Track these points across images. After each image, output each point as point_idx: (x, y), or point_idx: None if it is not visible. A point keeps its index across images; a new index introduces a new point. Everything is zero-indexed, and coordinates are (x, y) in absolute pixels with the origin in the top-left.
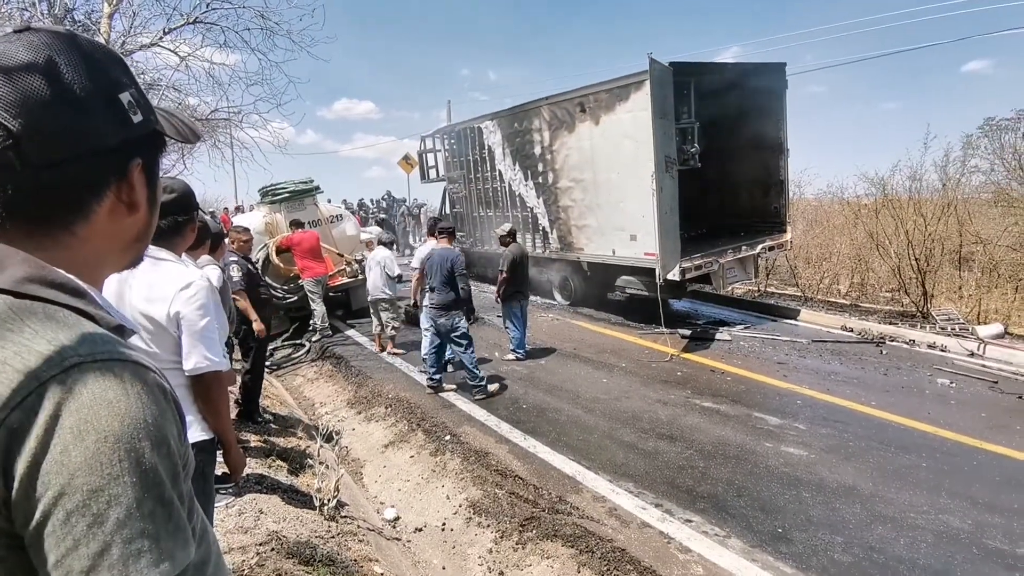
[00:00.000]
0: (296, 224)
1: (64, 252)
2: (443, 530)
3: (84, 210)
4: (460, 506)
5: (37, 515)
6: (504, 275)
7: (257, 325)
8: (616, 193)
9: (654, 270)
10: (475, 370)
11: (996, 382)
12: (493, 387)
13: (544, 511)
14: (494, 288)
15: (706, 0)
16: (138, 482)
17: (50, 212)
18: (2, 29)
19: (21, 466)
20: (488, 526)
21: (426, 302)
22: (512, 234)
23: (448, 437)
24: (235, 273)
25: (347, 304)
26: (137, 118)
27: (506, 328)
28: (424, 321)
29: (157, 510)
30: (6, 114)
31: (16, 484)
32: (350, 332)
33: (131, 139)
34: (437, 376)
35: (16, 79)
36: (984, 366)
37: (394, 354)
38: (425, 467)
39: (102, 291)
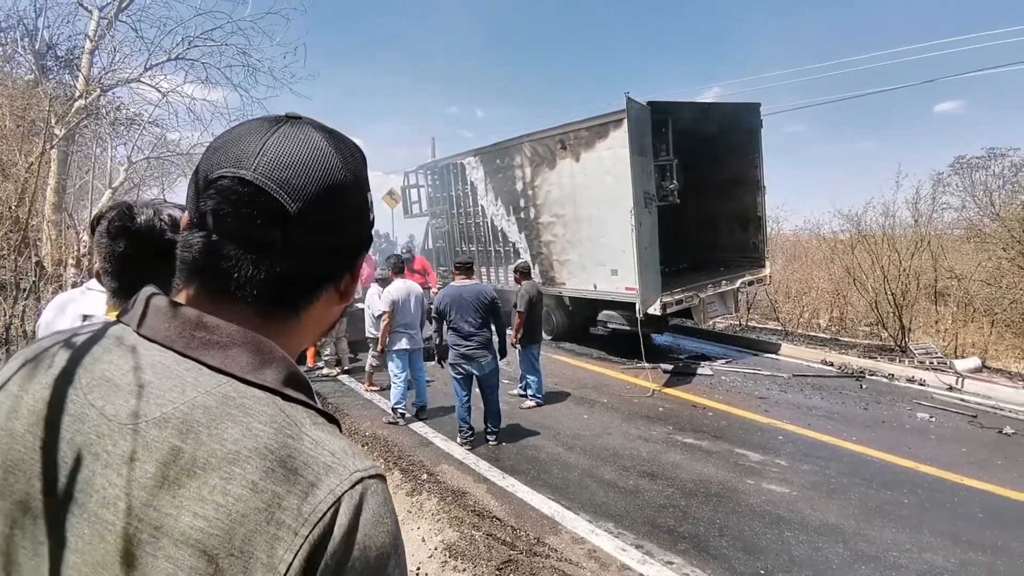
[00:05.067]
0: None
1: (284, 336)
2: (418, 575)
3: (313, 295)
4: (436, 549)
5: None
6: (520, 314)
7: None
8: (597, 228)
9: (635, 304)
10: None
11: (975, 416)
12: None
13: (522, 554)
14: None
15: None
16: None
17: (286, 294)
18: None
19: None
20: (464, 570)
21: (453, 344)
22: (526, 271)
23: (425, 476)
24: None
25: None
26: (371, 216)
27: (524, 374)
28: (453, 372)
29: None
30: (288, 198)
31: None
32: (327, 369)
33: (367, 236)
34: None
35: (301, 168)
36: (963, 400)
37: (371, 391)
38: (400, 507)
39: None
